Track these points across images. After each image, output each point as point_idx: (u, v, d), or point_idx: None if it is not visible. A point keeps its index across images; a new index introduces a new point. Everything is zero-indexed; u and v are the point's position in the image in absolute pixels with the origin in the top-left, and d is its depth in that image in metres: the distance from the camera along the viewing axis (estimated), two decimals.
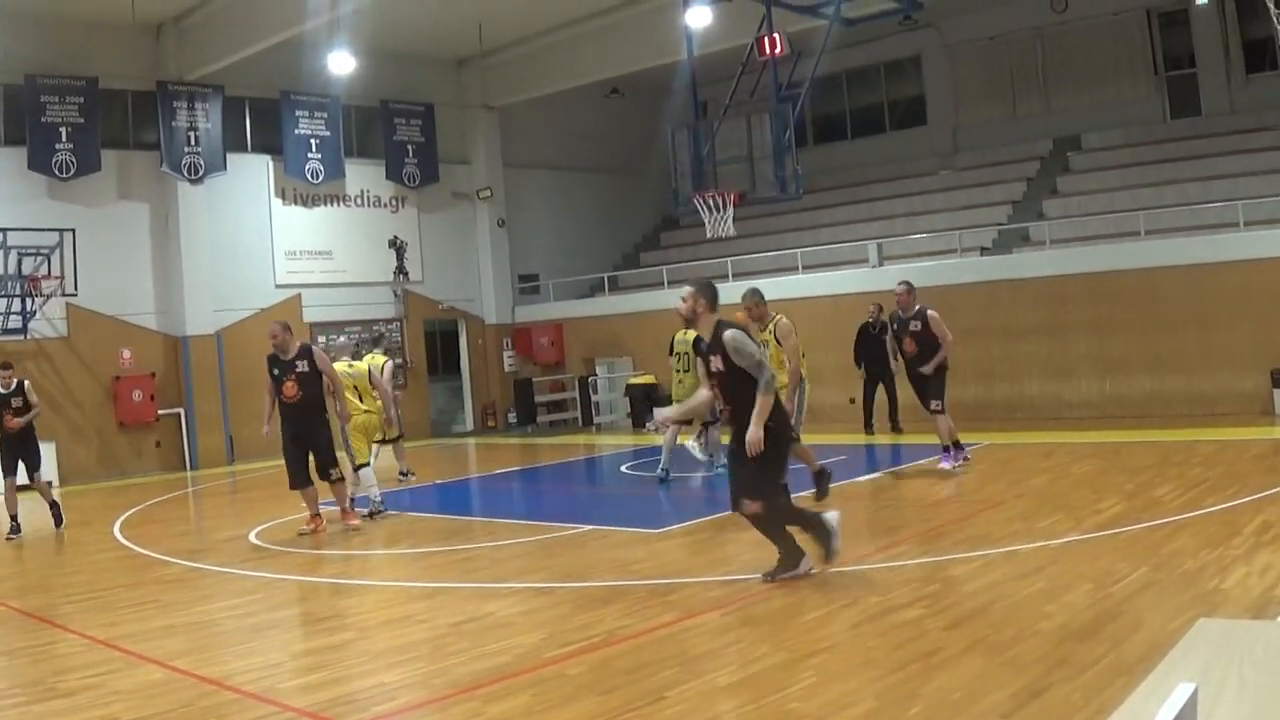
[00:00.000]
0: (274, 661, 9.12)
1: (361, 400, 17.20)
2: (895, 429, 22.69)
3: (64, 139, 25.83)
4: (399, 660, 8.91)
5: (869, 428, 22.67)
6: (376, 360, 18.54)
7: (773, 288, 25.66)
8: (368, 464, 16.83)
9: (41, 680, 9.03)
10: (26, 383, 17.94)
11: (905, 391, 19.99)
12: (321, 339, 29.36)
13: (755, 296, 16.75)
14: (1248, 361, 21.16)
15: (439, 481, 20.48)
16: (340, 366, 17.31)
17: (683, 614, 9.59)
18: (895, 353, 18.66)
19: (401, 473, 20.17)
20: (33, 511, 17.88)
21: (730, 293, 27.28)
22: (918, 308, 16.88)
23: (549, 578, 11.62)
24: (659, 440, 20.27)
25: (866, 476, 16.94)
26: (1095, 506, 13.13)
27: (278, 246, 29.40)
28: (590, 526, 14.55)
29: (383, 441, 18.88)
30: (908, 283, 17.25)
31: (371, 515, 16.27)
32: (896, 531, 12.87)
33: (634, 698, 7.37)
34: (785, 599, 9.87)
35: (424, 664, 8.76)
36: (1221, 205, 22.74)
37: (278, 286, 29.27)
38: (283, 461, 15.82)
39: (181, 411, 27.29)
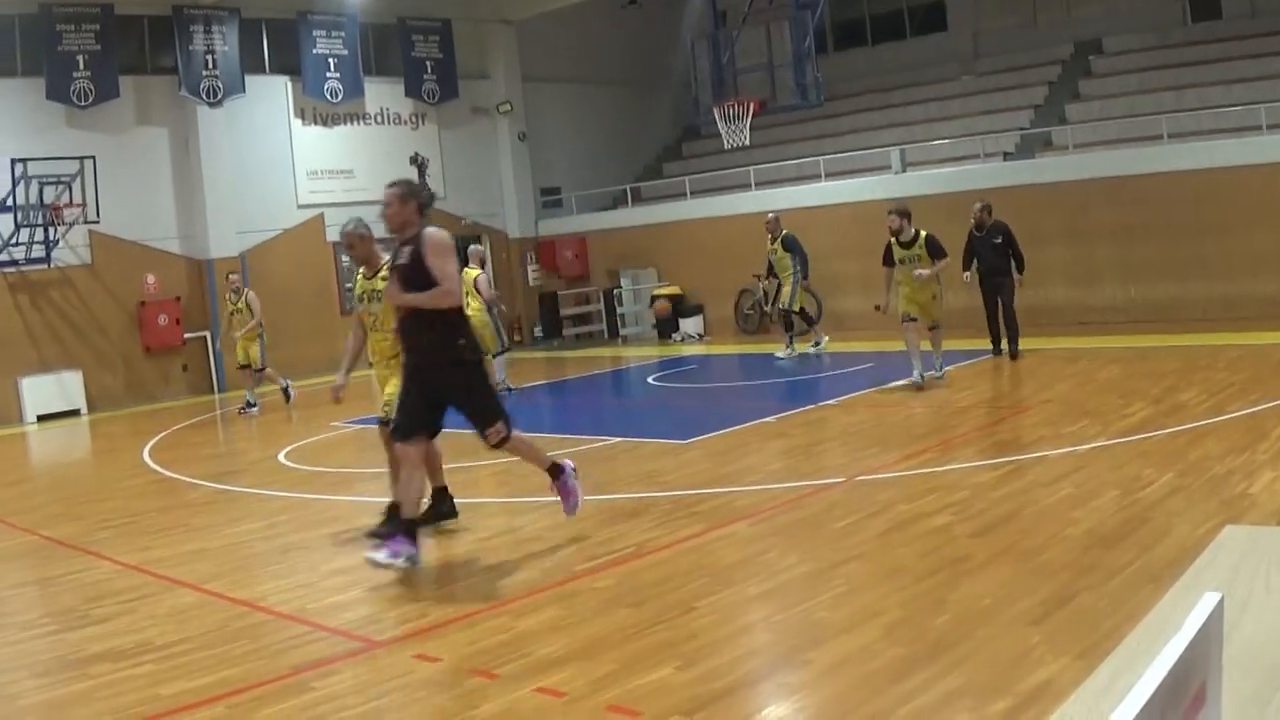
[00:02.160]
0: (305, 582, 9.18)
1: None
2: (1011, 353, 18.92)
3: (81, 67, 25.71)
4: (429, 577, 8.95)
5: (997, 349, 19.10)
6: (470, 273, 18.78)
7: (795, 196, 25.67)
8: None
9: (75, 607, 9.10)
10: None
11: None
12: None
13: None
14: (1271, 265, 20.98)
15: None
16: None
17: (710, 525, 9.64)
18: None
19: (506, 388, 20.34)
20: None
21: (752, 203, 27.41)
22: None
23: None
24: (685, 350, 20.37)
25: (893, 383, 16.89)
26: (1121, 412, 13.11)
27: (299, 167, 29.32)
28: (617, 439, 14.61)
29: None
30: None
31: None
32: (924, 439, 12.85)
33: (664, 609, 7.43)
34: (814, 508, 9.91)
35: (454, 580, 8.86)
36: (1243, 109, 22.46)
37: (300, 207, 29.23)
38: (306, 382, 15.90)
39: (207, 335, 27.34)
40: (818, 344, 21.97)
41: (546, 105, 34.25)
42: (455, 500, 10.74)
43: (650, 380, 20.61)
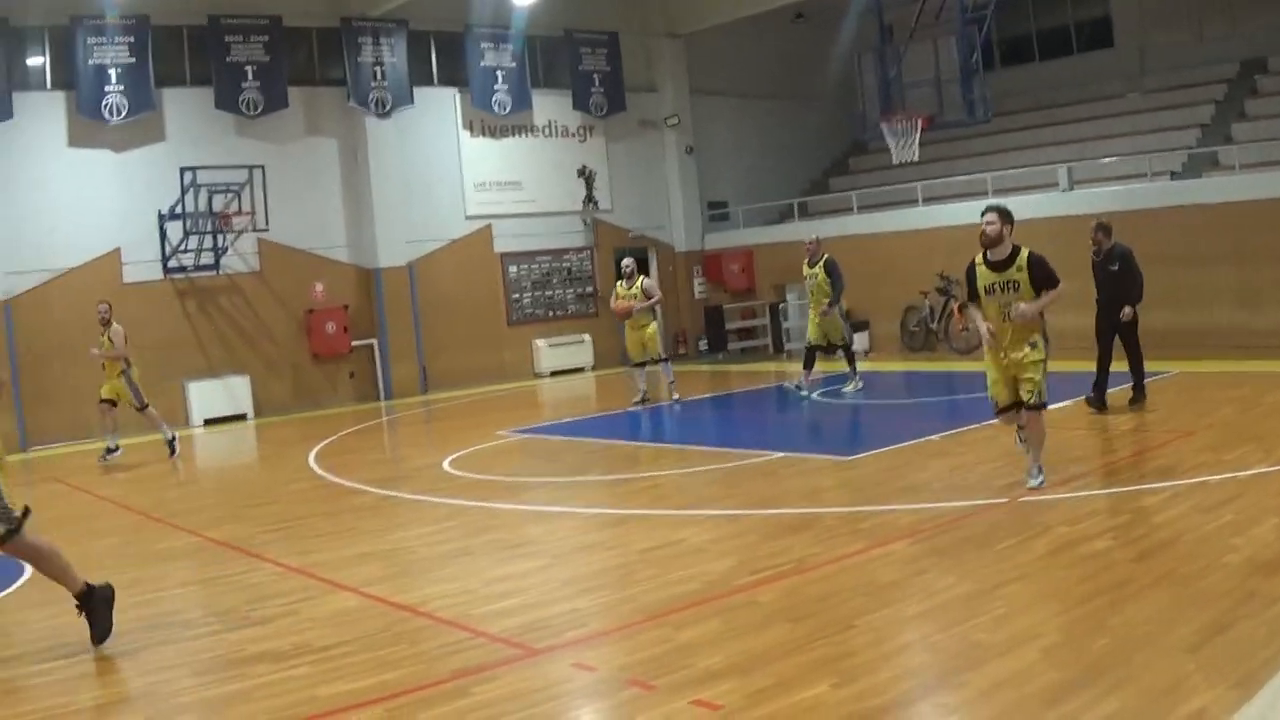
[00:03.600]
0: (467, 588, 9.13)
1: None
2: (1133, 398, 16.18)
3: (250, 77, 26.09)
4: (589, 586, 8.85)
5: (1097, 394, 15.94)
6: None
7: (960, 213, 25.16)
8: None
9: (237, 608, 9.14)
10: None
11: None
12: (514, 269, 29.61)
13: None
14: None
15: (631, 409, 20.41)
16: (620, 289, 21.13)
17: (872, 542, 9.47)
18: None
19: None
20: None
21: (919, 219, 27.00)
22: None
23: (739, 504, 11.51)
24: (844, 367, 20.12)
25: (1056, 405, 16.40)
26: None
27: (467, 178, 29.46)
28: (781, 454, 14.35)
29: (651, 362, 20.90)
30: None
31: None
32: (1086, 461, 12.55)
33: (823, 626, 7.31)
34: (975, 529, 9.69)
35: (614, 591, 8.72)
36: None
37: (468, 218, 29.36)
38: (470, 391, 15.86)
39: (375, 343, 27.58)
40: (850, 383, 20.48)
41: (714, 118, 34.07)
42: (617, 512, 10.57)
43: (814, 396, 20.27)
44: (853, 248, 28.53)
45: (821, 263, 19.95)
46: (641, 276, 21.30)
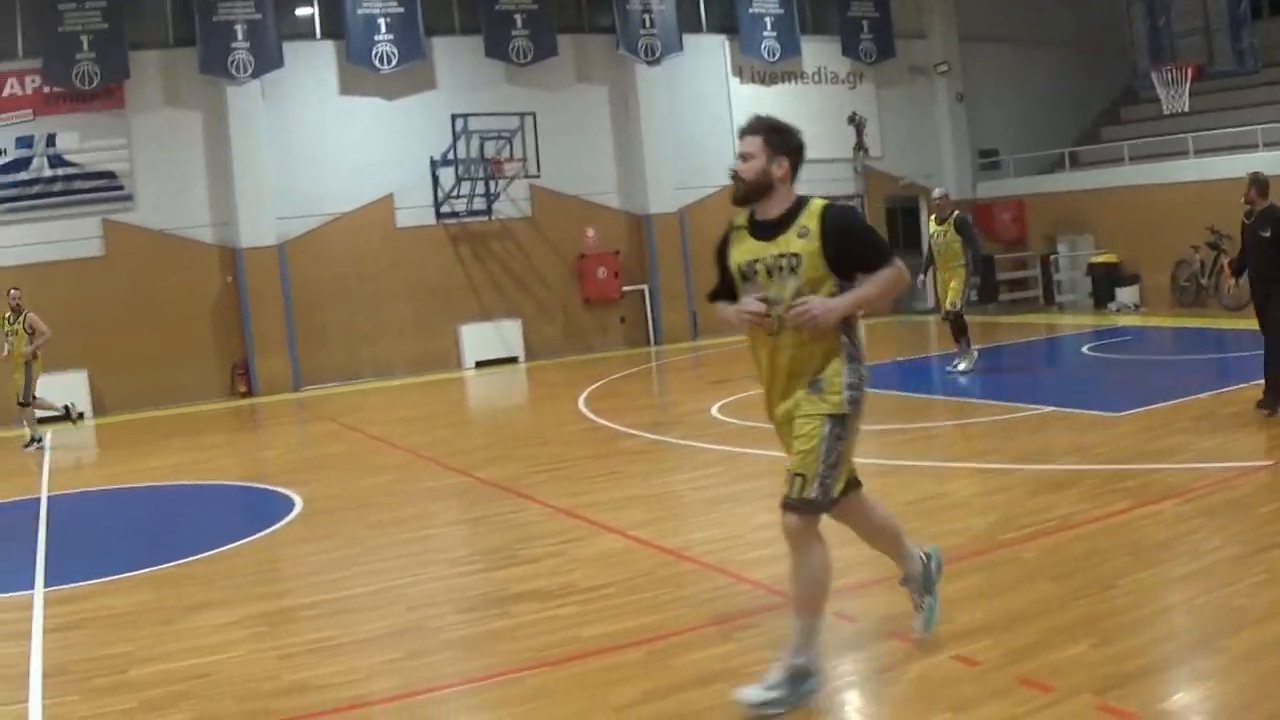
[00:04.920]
0: (732, 534, 9.05)
1: None
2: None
3: (519, 25, 26.31)
4: (852, 536, 8.61)
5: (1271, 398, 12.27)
6: None
7: (1232, 165, 24.06)
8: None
9: (505, 547, 9.23)
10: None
11: None
12: None
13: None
14: None
15: (900, 359, 20.07)
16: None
17: (1137, 501, 9.08)
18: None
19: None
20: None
21: (1191, 171, 25.95)
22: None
23: (1006, 459, 11.18)
24: (1121, 321, 19.13)
25: None
26: None
27: (736, 125, 29.21)
28: (1050, 408, 13.90)
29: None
30: None
31: None
32: None
33: (1085, 585, 7.09)
34: (1242, 490, 9.22)
35: None
36: None
37: None
38: (740, 339, 15.73)
39: (645, 288, 27.67)
40: (961, 363, 18.19)
41: (983, 65, 33.12)
42: (884, 462, 10.34)
43: (1084, 349, 19.65)
44: (1124, 199, 27.63)
45: (951, 220, 18.05)
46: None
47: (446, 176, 25.46)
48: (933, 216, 18.42)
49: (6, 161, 23.18)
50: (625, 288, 27.30)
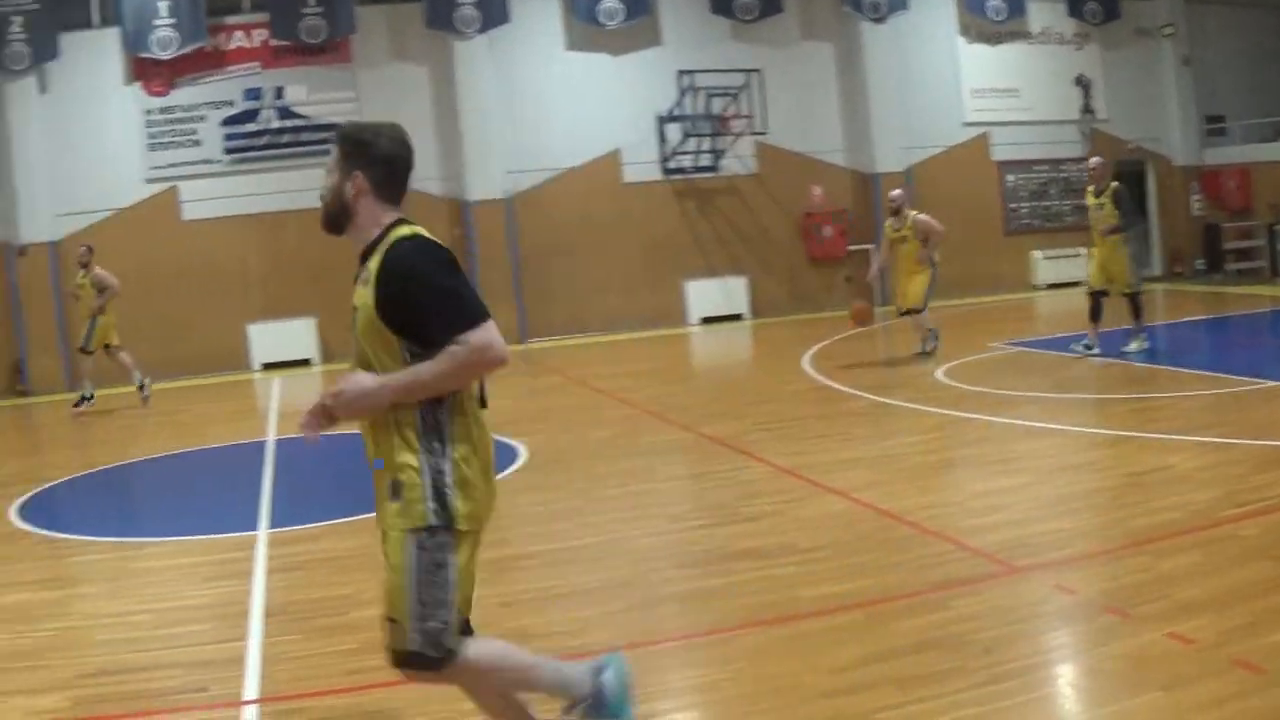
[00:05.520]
0: (952, 500, 8.98)
1: None
2: None
3: None
4: (1073, 507, 8.56)
5: None
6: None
7: None
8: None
9: (726, 504, 9.27)
10: None
11: None
12: (1010, 178, 28.91)
13: None
14: None
15: (1125, 326, 19.58)
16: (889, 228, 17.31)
17: None
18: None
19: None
20: None
21: None
22: None
23: (1231, 433, 10.72)
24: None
25: None
26: None
27: (964, 84, 28.85)
28: (1276, 382, 13.46)
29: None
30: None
31: None
32: None
33: None
34: None
35: (1098, 514, 8.40)
36: None
37: (965, 124, 28.76)
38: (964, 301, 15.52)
39: (871, 248, 27.44)
40: (1132, 343, 16.43)
41: (1210, 28, 31.95)
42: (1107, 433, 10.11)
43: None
44: None
45: (1110, 192, 16.39)
46: (913, 212, 17.76)
47: (673, 132, 25.58)
48: (1090, 189, 16.92)
49: (235, 113, 24.04)
50: (850, 247, 27.12)
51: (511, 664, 4.70)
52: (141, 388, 18.86)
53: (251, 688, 6.01)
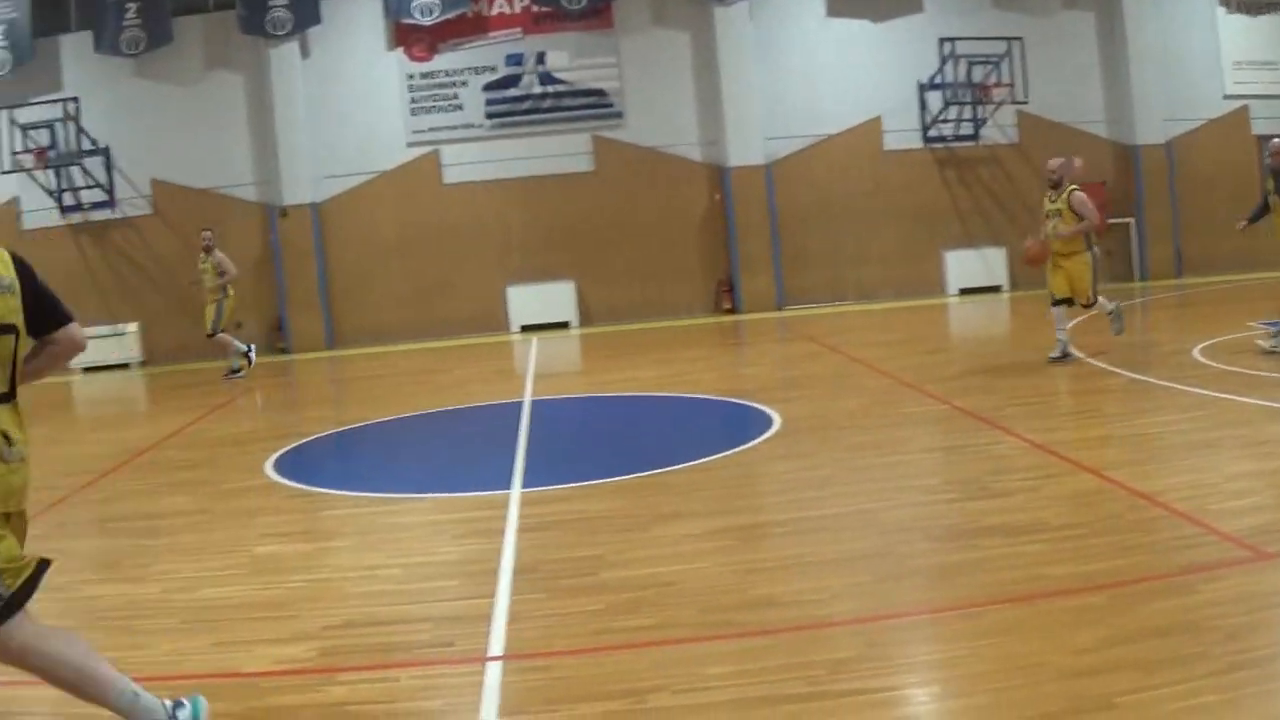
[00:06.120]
0: (1207, 482, 8.77)
1: None
2: None
3: None
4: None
5: None
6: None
7: None
8: None
9: (978, 479, 9.29)
10: None
11: None
12: None
13: None
14: None
15: None
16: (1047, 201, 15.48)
17: None
18: None
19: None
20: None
21: None
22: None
23: None
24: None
25: None
26: None
27: (1224, 56, 28.02)
28: None
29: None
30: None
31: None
32: None
33: None
34: None
35: None
36: None
37: (1225, 97, 27.96)
38: (1226, 278, 15.14)
39: (1131, 221, 26.95)
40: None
41: None
42: None
43: None
44: None
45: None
46: (1072, 186, 15.42)
47: (934, 100, 25.43)
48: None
49: (497, 78, 24.67)
50: (1111, 220, 26.61)
51: (69, 661, 4.65)
52: (237, 371, 20.00)
53: (497, 644, 6.20)
